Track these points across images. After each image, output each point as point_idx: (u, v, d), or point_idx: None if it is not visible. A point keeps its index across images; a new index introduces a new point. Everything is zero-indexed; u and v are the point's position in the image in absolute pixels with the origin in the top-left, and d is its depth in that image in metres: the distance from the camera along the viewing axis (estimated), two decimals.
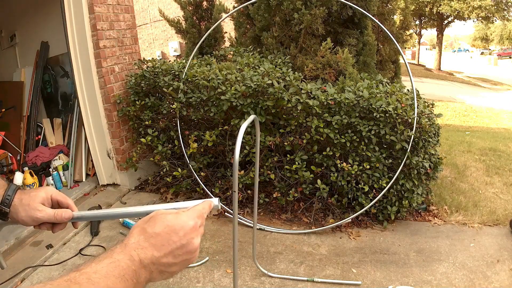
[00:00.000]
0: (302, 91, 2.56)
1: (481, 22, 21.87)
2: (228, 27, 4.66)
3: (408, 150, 2.47)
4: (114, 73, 3.22)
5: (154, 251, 0.50)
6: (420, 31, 24.88)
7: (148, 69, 3.17)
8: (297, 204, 2.89)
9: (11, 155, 3.54)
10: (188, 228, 0.53)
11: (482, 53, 45.21)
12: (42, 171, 3.29)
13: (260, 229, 2.67)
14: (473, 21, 22.08)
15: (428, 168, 2.66)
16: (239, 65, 3.00)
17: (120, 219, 2.78)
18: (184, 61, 3.36)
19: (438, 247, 2.45)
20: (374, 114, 2.43)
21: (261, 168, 2.77)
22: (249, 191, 2.91)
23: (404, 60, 2.95)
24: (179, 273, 2.20)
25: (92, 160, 3.43)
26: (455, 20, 21.86)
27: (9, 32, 4.03)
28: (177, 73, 3.06)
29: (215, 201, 0.61)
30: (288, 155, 2.75)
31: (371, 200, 2.57)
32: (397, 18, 5.00)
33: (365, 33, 3.44)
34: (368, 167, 2.51)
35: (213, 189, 2.90)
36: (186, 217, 0.54)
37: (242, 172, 2.83)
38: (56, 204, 0.73)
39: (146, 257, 0.49)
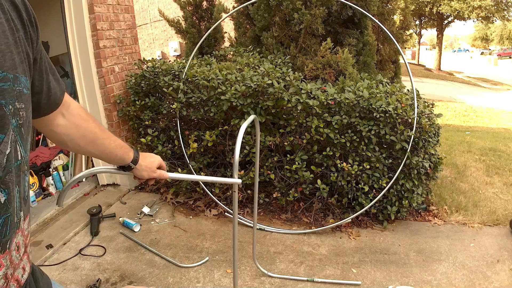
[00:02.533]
0: (302, 91, 2.56)
1: (481, 22, 21.88)
2: (228, 27, 4.66)
3: (408, 150, 2.47)
4: (114, 73, 3.22)
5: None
6: (420, 31, 24.89)
7: (148, 69, 3.17)
8: (297, 204, 2.89)
9: None
10: None
11: (482, 53, 45.24)
12: (42, 171, 3.29)
13: (260, 229, 2.67)
14: (473, 21, 22.09)
15: (428, 168, 2.66)
16: (239, 65, 3.00)
17: (120, 219, 2.78)
18: (184, 61, 3.37)
19: (438, 247, 2.45)
20: (374, 114, 2.43)
21: (261, 168, 2.77)
22: (249, 191, 2.91)
23: (404, 60, 2.95)
24: (179, 273, 2.21)
25: (92, 160, 3.43)
26: (455, 20, 21.87)
27: None
28: (177, 73, 3.06)
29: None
30: (288, 155, 2.75)
31: (371, 200, 2.57)
32: (397, 18, 5.00)
33: (365, 33, 3.44)
34: (368, 167, 2.51)
35: (213, 189, 2.91)
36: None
37: (242, 172, 2.83)
38: (160, 168, 1.09)
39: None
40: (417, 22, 23.31)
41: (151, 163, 1.04)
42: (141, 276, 2.19)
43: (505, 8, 19.46)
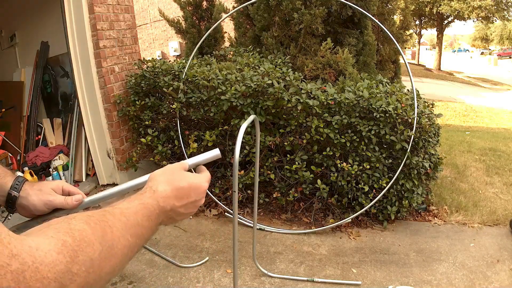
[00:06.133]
0: (302, 91, 2.56)
1: (481, 22, 21.89)
2: (228, 27, 4.66)
3: (408, 150, 2.47)
4: (114, 73, 3.22)
5: (175, 201, 0.62)
6: (420, 31, 24.88)
7: (148, 69, 3.17)
8: (297, 204, 2.89)
9: (11, 155, 3.54)
10: (202, 189, 0.67)
11: (482, 53, 45.23)
12: (42, 171, 3.29)
13: (260, 229, 2.67)
14: (473, 21, 22.10)
15: (428, 168, 2.66)
16: (239, 65, 3.00)
17: None
18: (184, 61, 3.36)
19: (438, 247, 2.45)
20: (374, 114, 2.43)
21: (261, 168, 2.77)
22: (249, 191, 2.91)
23: (404, 60, 2.95)
24: (179, 273, 2.21)
25: (92, 160, 3.42)
26: (455, 20, 21.87)
27: (9, 32, 4.03)
28: (177, 73, 3.05)
29: (216, 151, 0.76)
30: (288, 155, 2.74)
31: (371, 200, 2.57)
32: (397, 18, 5.00)
33: (365, 33, 3.44)
34: (368, 167, 2.51)
35: (213, 189, 2.90)
36: (203, 179, 0.68)
37: (242, 172, 2.83)
38: (67, 194, 0.78)
39: (169, 204, 0.61)
40: (417, 22, 23.30)
41: (42, 184, 0.75)
42: (141, 276, 2.19)
43: (505, 8, 19.47)
